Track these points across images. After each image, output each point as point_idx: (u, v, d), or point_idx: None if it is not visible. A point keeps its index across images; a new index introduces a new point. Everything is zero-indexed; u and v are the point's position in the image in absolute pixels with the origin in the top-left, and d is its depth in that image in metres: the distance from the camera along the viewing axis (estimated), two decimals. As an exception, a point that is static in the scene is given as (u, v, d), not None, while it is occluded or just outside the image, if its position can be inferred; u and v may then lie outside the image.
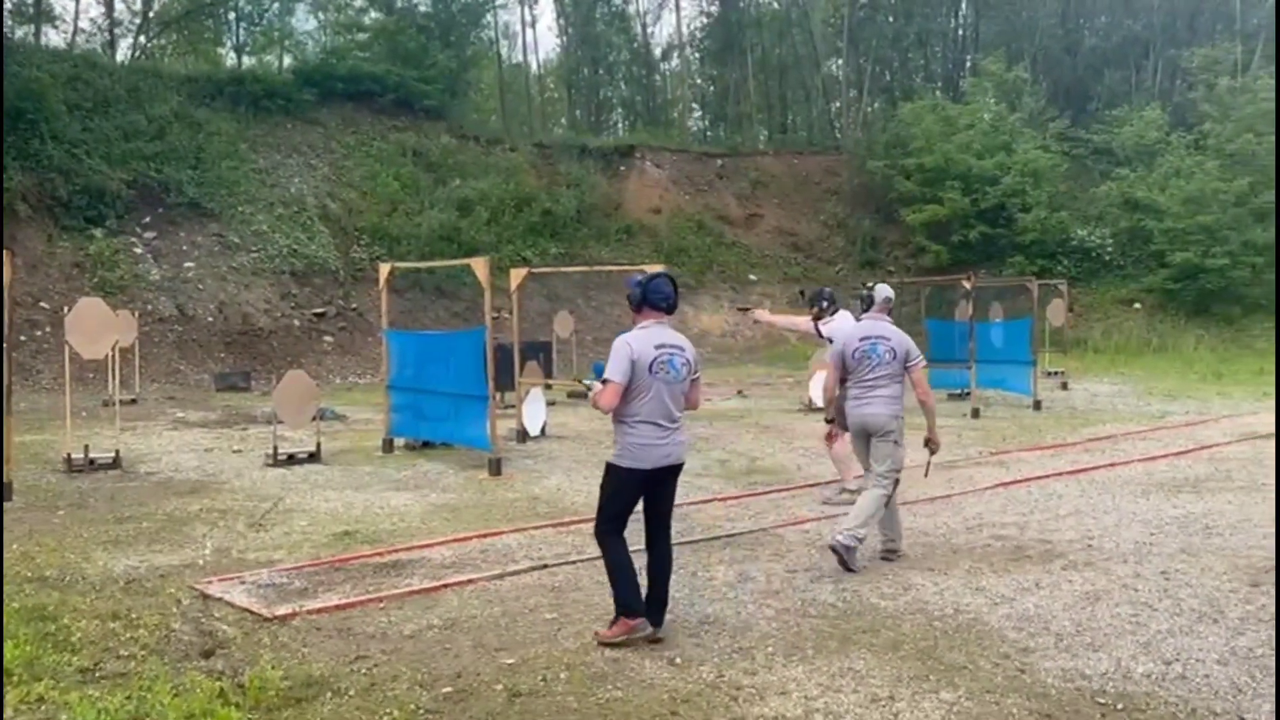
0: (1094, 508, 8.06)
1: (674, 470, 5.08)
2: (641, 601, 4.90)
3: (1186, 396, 16.94)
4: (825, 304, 8.79)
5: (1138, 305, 28.52)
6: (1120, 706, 4.10)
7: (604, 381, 4.91)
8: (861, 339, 6.51)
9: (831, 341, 7.53)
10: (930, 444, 6.57)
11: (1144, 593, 5.65)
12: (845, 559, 6.05)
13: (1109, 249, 30.00)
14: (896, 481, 6.41)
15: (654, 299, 5.03)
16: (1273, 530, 7.09)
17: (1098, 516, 7.71)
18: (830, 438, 8.26)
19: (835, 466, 8.56)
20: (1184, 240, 27.32)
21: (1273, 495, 8.36)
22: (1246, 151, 28.03)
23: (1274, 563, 6.14)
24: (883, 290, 6.79)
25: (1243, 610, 5.31)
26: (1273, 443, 10.64)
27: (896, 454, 6.39)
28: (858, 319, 7.06)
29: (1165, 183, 28.71)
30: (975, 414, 14.47)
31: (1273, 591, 5.61)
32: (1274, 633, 4.92)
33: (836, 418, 6.89)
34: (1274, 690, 4.23)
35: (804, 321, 9.06)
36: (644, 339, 4.97)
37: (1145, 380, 19.95)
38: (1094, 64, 38.77)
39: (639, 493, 5.02)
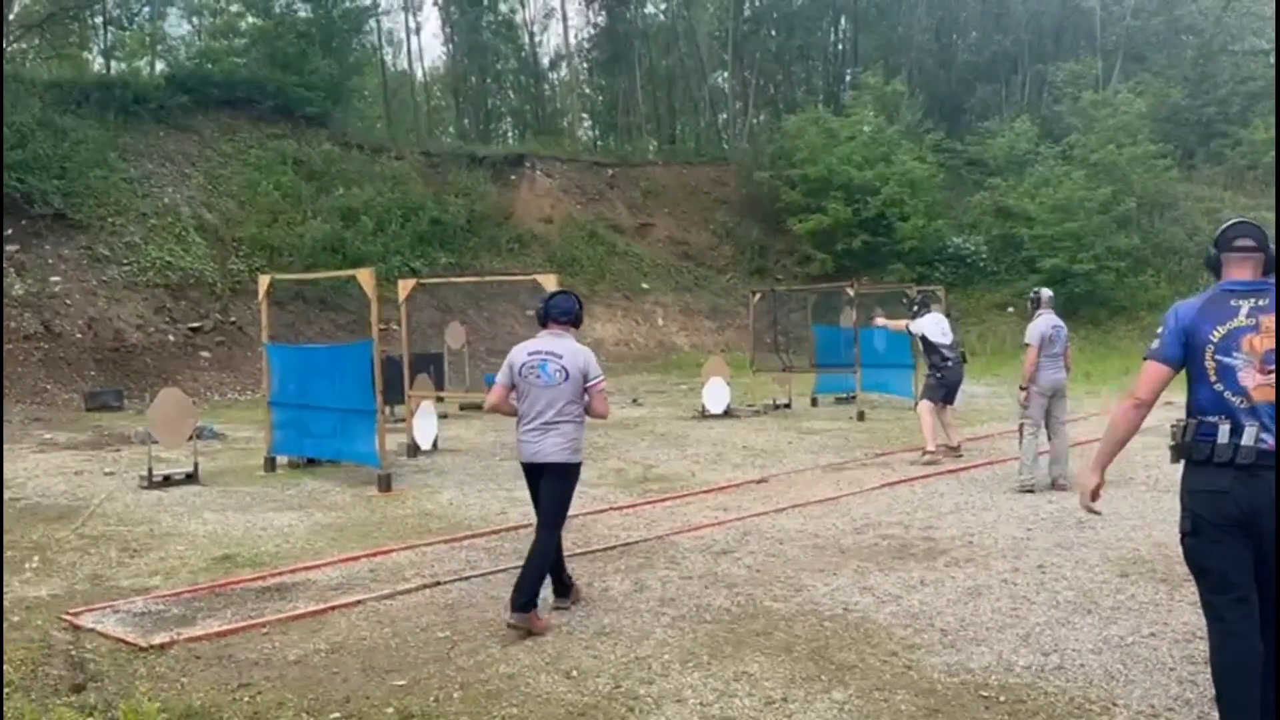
0: (973, 505, 8.34)
1: (546, 469, 5.29)
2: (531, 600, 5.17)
3: (1058, 396, 17.65)
4: (915, 308, 11.43)
5: (1010, 309, 29.66)
6: (1003, 699, 4.23)
7: None
8: (1053, 326, 9.07)
9: (910, 333, 11.24)
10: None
11: (1022, 587, 5.86)
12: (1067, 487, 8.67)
13: (983, 256, 31.21)
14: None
15: (553, 313, 5.46)
16: (1139, 524, 7.46)
17: (977, 513, 7.99)
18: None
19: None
20: (1053, 246, 28.60)
21: (1142, 491, 8.81)
22: (1108, 161, 29.56)
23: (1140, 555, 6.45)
24: (1046, 292, 9.47)
25: (1114, 600, 5.56)
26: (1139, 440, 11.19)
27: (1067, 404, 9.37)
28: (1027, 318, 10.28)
29: (1035, 191, 30.02)
30: (861, 417, 14.84)
31: (1141, 581, 5.90)
32: (1140, 622, 5.18)
33: (1029, 387, 9.09)
34: (1147, 677, 4.44)
35: (902, 324, 11.63)
36: (525, 346, 5.43)
37: (1019, 381, 20.68)
38: (967, 78, 40.37)
39: (531, 485, 5.43)
